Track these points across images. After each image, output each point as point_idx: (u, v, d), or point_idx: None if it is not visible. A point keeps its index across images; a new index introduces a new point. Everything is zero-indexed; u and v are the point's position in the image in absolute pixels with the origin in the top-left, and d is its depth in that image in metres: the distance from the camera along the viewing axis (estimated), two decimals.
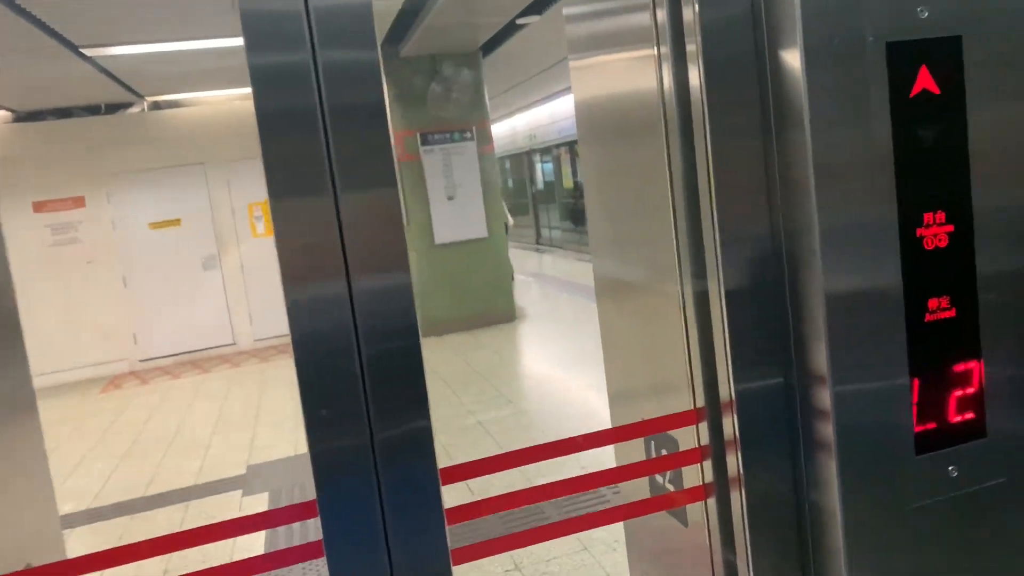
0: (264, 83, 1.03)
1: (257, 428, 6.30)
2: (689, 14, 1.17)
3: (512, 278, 9.93)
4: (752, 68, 1.16)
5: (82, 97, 8.58)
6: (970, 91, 1.12)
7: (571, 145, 15.66)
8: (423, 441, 1.15)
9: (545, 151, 17.92)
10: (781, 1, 1.10)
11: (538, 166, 18.95)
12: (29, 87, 7.77)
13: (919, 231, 1.14)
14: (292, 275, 1.07)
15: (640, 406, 1.58)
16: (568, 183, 16.78)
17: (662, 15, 1.23)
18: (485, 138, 9.27)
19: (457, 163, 9.08)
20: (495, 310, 9.30)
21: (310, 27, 1.03)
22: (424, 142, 8.93)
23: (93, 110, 9.00)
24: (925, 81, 1.09)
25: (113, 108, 9.10)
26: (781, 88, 1.12)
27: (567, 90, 13.28)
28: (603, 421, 1.52)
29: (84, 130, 8.91)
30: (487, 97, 9.41)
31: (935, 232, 1.15)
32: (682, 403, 1.36)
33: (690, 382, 1.34)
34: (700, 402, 1.33)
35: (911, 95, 1.09)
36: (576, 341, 7.73)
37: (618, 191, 1.57)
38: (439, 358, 7.74)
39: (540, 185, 19.17)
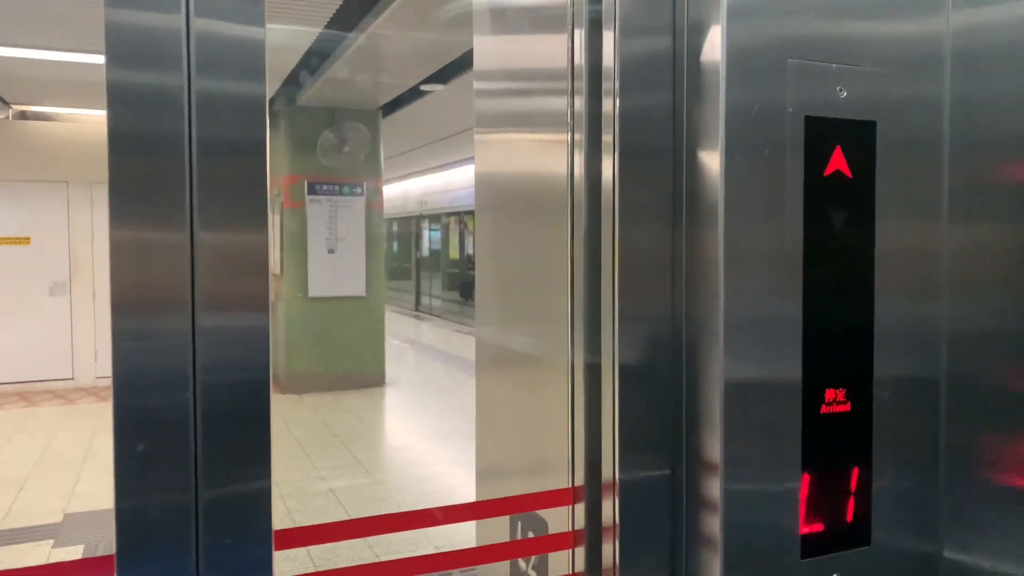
0: (123, 101, 0.94)
1: (83, 473, 5.73)
2: (608, 105, 1.14)
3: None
4: (668, 159, 1.13)
5: None
6: (880, 176, 1.12)
7: (461, 215, 15.76)
8: (259, 502, 0.99)
9: (435, 218, 17.98)
10: (704, 95, 1.08)
11: (426, 232, 18.96)
12: None
13: (821, 324, 1.10)
14: (124, 300, 0.94)
15: (510, 484, 1.48)
16: (454, 253, 16.82)
17: (580, 103, 1.20)
18: (375, 195, 9.14)
19: (343, 216, 8.88)
20: (364, 373, 8.98)
21: (188, 50, 0.95)
22: (311, 191, 8.70)
23: None
24: (839, 162, 1.08)
25: None
26: (696, 180, 1.10)
27: (463, 161, 13.49)
28: (466, 499, 1.39)
29: None
30: (382, 156, 9.33)
31: (837, 326, 1.12)
32: (558, 483, 1.25)
33: (570, 458, 1.24)
34: (579, 481, 1.22)
35: (825, 174, 1.07)
36: (445, 413, 7.57)
37: (514, 263, 1.52)
38: (296, 416, 7.37)
39: (425, 251, 19.15)
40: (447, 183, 15.85)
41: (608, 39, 1.13)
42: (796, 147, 1.06)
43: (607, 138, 1.15)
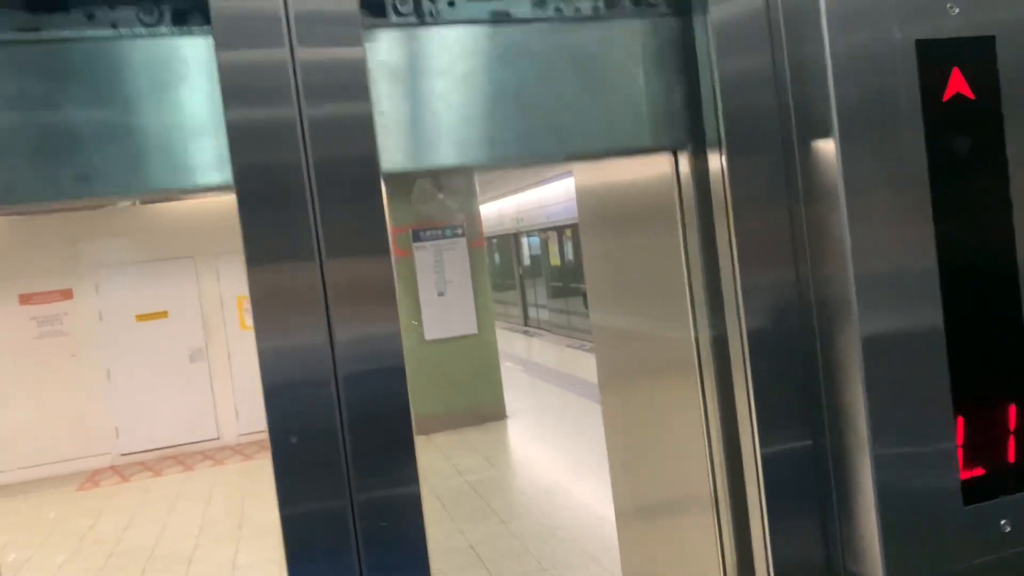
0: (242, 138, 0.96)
1: (240, 543, 5.96)
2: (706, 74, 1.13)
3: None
4: (774, 117, 1.11)
5: None
6: (1006, 93, 1.06)
7: (560, 229, 15.87)
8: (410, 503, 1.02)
9: (531, 233, 18.14)
10: (805, 43, 1.06)
11: (524, 241, 19.12)
12: None
13: (959, 261, 1.06)
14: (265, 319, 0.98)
15: (654, 523, 1.46)
16: (555, 260, 16.88)
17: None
18: (475, 233, 9.31)
19: (448, 258, 9.08)
20: (485, 407, 9.09)
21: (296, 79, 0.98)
22: (416, 239, 8.95)
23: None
24: (959, 84, 1.03)
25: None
26: (808, 132, 1.07)
27: (556, 177, 13.56)
28: (606, 546, 1.38)
29: (72, 222, 8.91)
30: (477, 190, 9.50)
31: (976, 260, 1.07)
32: (705, 520, 1.24)
33: (705, 437, 1.22)
34: (717, 458, 1.21)
35: (944, 99, 1.03)
36: (570, 447, 7.49)
37: (628, 272, 1.50)
38: (428, 461, 7.48)
39: (527, 261, 19.21)
40: (540, 199, 16.02)
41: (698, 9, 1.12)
42: (909, 73, 1.03)
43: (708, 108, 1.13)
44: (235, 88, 0.96)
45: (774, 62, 1.10)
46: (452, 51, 1.11)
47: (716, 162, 1.12)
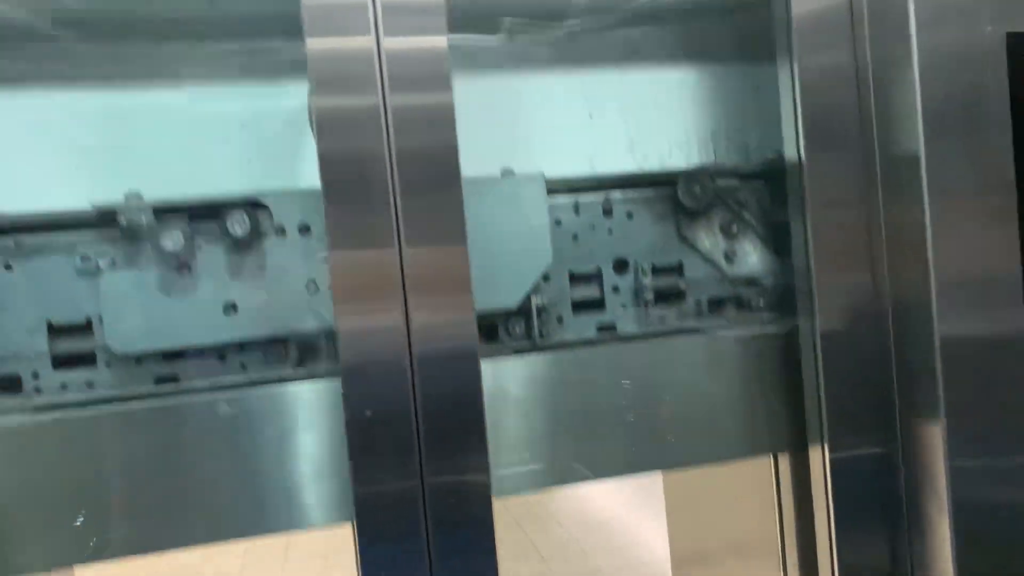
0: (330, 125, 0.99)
1: (286, 564, 5.90)
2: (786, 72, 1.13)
3: None
4: (854, 115, 1.10)
5: None
6: None
7: None
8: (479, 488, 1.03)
9: None
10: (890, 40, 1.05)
11: None
12: None
13: None
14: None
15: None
16: None
17: None
18: None
19: None
20: None
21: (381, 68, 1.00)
22: None
23: None
24: None
25: None
26: (891, 130, 1.06)
27: None
28: None
29: None
30: None
31: None
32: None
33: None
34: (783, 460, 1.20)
35: None
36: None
37: None
38: None
39: None
40: None
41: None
42: (998, 67, 1.01)
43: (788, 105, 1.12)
44: None
45: (856, 62, 1.09)
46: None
47: None
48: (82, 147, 1.07)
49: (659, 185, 1.24)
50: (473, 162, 1.05)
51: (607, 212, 1.23)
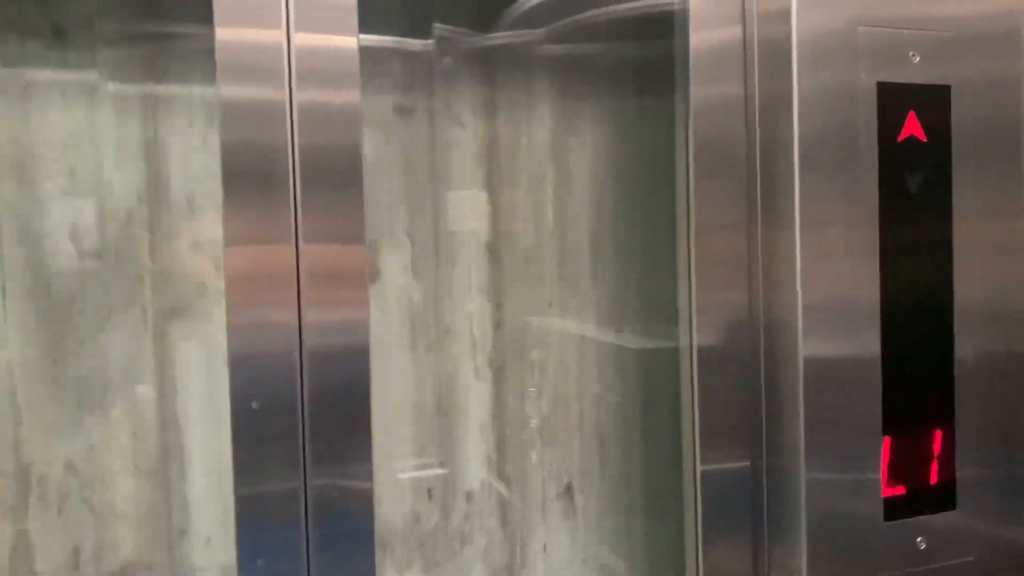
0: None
1: None
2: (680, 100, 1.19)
3: None
4: (742, 146, 1.17)
5: None
6: (956, 140, 1.15)
7: None
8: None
9: None
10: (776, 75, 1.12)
11: None
12: None
13: (900, 295, 1.13)
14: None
15: None
16: None
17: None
18: None
19: None
20: None
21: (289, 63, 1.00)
22: None
23: None
24: (913, 127, 1.11)
25: None
26: (771, 157, 1.14)
27: None
28: None
29: None
30: None
31: (916, 296, 1.15)
32: None
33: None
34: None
35: (899, 139, 1.11)
36: None
37: None
38: None
39: None
40: None
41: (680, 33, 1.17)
42: (869, 112, 1.10)
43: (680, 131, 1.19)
44: None
45: (746, 95, 1.17)
46: None
47: None
48: None
49: None
50: None
51: None
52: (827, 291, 1.10)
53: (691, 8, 1.14)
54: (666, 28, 1.20)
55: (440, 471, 1.38)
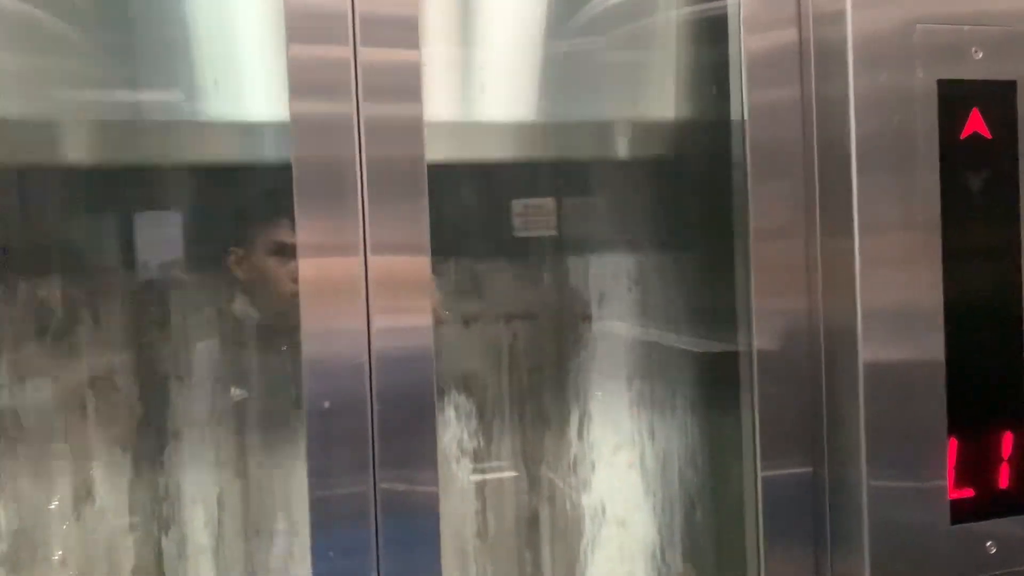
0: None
1: None
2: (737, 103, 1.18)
3: None
4: (799, 148, 1.16)
5: None
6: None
7: None
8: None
9: None
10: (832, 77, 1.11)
11: None
12: None
13: (965, 297, 1.11)
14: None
15: None
16: None
17: None
18: None
19: None
20: None
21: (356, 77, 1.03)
22: None
23: None
24: (977, 124, 1.09)
25: None
26: (827, 161, 1.13)
27: None
28: None
29: None
30: None
31: (982, 298, 1.13)
32: None
33: None
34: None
35: (962, 137, 1.09)
36: None
37: None
38: None
39: None
40: None
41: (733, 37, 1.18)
42: (929, 111, 1.08)
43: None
44: None
45: (802, 98, 1.16)
46: None
47: None
48: None
49: None
50: None
51: None
52: (888, 295, 1.09)
53: (744, 11, 1.14)
54: (721, 32, 1.21)
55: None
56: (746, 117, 1.15)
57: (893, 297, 1.09)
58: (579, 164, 1.49)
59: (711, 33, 1.24)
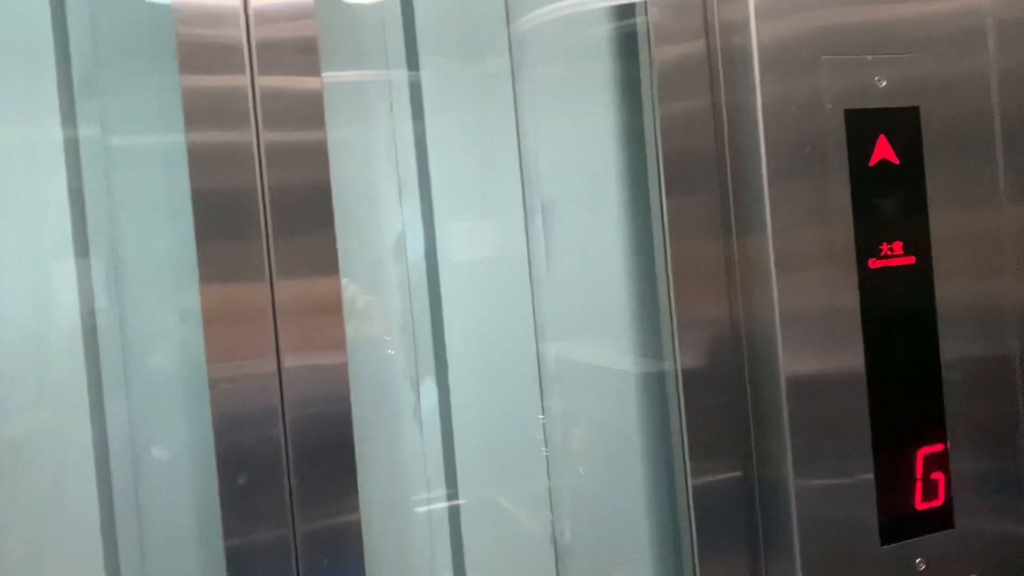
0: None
1: None
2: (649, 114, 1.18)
3: None
4: (712, 162, 1.16)
5: None
6: (929, 160, 1.14)
7: None
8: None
9: None
10: (741, 97, 1.12)
11: None
12: None
13: (880, 311, 1.12)
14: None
15: None
16: None
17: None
18: None
19: None
20: None
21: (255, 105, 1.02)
22: None
23: None
24: (884, 151, 1.11)
25: None
26: (741, 184, 1.13)
27: None
28: None
29: None
30: None
31: (897, 311, 1.14)
32: None
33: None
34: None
35: (870, 164, 1.11)
36: None
37: None
38: None
39: None
40: None
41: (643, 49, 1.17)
42: (839, 141, 1.10)
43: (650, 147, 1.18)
44: None
45: (713, 107, 1.15)
46: None
47: None
48: None
49: None
50: None
51: None
52: (804, 300, 1.09)
53: (653, 23, 1.13)
54: (633, 47, 1.20)
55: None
56: (657, 127, 1.14)
57: (811, 304, 1.09)
58: None
59: (627, 47, 1.23)
